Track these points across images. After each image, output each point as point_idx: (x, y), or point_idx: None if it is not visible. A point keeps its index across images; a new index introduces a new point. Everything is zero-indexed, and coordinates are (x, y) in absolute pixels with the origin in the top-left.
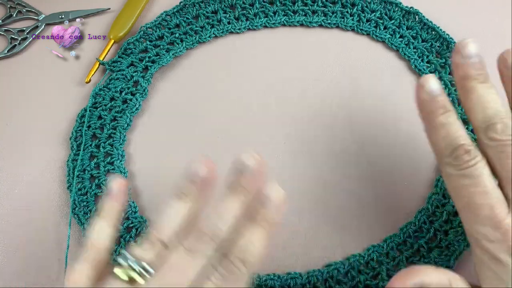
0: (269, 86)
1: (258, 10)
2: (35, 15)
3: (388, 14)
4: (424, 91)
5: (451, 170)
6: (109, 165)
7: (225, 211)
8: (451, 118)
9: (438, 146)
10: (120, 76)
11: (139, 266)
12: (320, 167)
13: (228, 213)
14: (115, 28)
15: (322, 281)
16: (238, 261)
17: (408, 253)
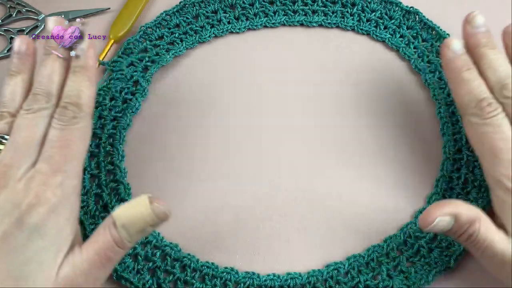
0: (269, 86)
1: (258, 9)
2: (35, 15)
3: (388, 13)
4: (450, 50)
5: (475, 119)
6: (109, 165)
7: (47, 72)
8: (473, 74)
9: (463, 99)
10: (120, 76)
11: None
12: (320, 166)
13: (52, 72)
14: (115, 28)
15: (322, 281)
16: (68, 104)
17: (408, 253)
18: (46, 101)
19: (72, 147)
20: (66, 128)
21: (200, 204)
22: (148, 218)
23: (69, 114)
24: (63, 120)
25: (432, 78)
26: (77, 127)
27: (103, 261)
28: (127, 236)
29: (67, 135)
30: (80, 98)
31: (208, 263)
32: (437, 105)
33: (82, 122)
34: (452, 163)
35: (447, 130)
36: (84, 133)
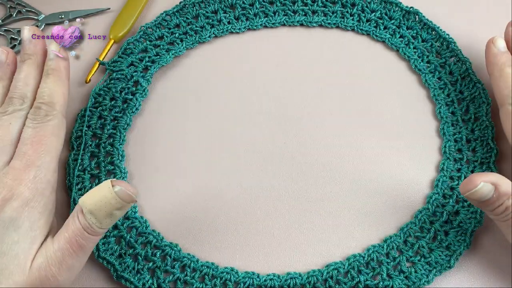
0: (269, 86)
1: (258, 10)
2: (35, 15)
3: (388, 14)
4: (495, 47)
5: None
6: (109, 165)
7: (23, 76)
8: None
9: (504, 91)
10: (120, 76)
11: None
12: (320, 166)
13: (26, 76)
14: (115, 28)
15: (322, 281)
16: (41, 104)
17: (408, 253)
18: (20, 104)
19: (45, 143)
20: (38, 126)
21: (200, 204)
22: (113, 201)
23: (42, 113)
24: (36, 119)
25: (432, 79)
26: (49, 124)
27: (75, 249)
28: (96, 222)
29: (39, 132)
30: (53, 98)
31: (208, 263)
32: (437, 105)
33: (54, 120)
34: (452, 163)
35: (447, 130)
36: (57, 130)
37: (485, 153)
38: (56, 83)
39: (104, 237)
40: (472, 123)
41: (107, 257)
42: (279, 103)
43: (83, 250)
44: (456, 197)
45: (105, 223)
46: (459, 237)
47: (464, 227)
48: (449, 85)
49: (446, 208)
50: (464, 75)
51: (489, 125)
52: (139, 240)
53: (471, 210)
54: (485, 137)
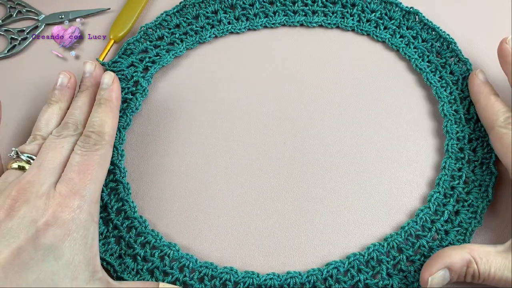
0: (269, 86)
1: (258, 10)
2: (35, 15)
3: (388, 14)
4: (479, 78)
5: (504, 130)
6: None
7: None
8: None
9: (492, 116)
10: (120, 76)
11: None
12: (320, 166)
13: (83, 105)
14: (115, 28)
15: (322, 280)
16: (91, 133)
17: (408, 252)
18: (74, 130)
19: (90, 172)
20: (86, 154)
21: (200, 203)
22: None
23: (91, 142)
24: (85, 147)
25: (434, 77)
26: (97, 154)
27: None
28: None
29: (86, 160)
30: (103, 128)
31: (207, 263)
32: (440, 102)
33: (102, 150)
34: (454, 162)
35: (450, 128)
36: (103, 160)
37: (486, 153)
38: (107, 114)
39: (104, 237)
40: (473, 122)
41: (107, 258)
42: (279, 103)
43: None
44: (457, 197)
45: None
46: (459, 237)
47: (463, 227)
48: (450, 84)
49: (447, 207)
50: (464, 75)
51: None
52: (138, 240)
53: (471, 210)
54: (485, 138)
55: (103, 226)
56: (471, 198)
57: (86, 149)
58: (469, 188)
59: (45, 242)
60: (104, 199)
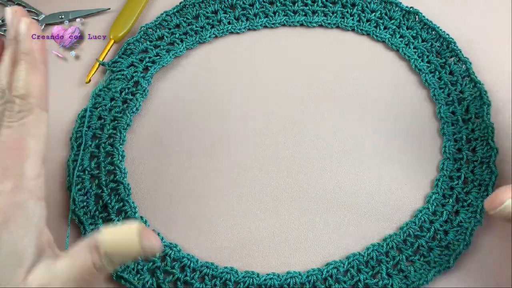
0: (269, 86)
1: (258, 10)
2: (35, 15)
3: (388, 14)
4: None
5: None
6: (109, 165)
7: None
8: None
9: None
10: (120, 76)
11: None
12: (320, 166)
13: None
14: (115, 28)
15: (322, 280)
16: (14, 98)
17: (407, 252)
18: None
19: (22, 146)
20: (14, 126)
21: (199, 204)
22: (135, 251)
23: (16, 108)
24: (11, 116)
25: (432, 78)
26: (25, 122)
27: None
28: (109, 263)
29: (16, 133)
30: (27, 89)
31: (208, 263)
32: (438, 104)
33: (29, 116)
34: (452, 163)
35: (447, 130)
36: (33, 128)
37: (485, 153)
38: (29, 71)
39: None
40: (472, 123)
41: None
42: (279, 103)
43: (88, 285)
44: (456, 197)
45: (117, 266)
46: (459, 237)
47: (464, 226)
48: (449, 85)
49: (446, 208)
50: (464, 75)
51: (489, 125)
52: None
53: (470, 210)
54: (485, 137)
55: (103, 226)
56: (470, 198)
57: (12, 118)
58: (468, 188)
59: None
60: (105, 199)
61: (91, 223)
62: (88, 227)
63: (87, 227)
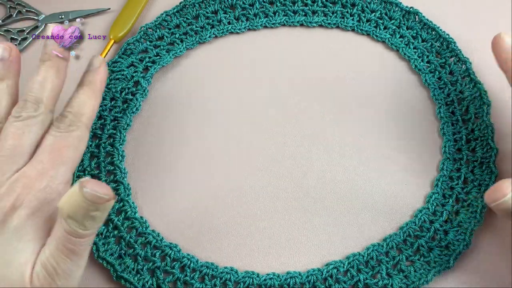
0: (269, 86)
1: (258, 10)
2: (35, 15)
3: (388, 14)
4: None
5: None
6: (109, 165)
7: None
8: None
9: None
10: (120, 76)
11: None
12: (320, 166)
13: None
14: (115, 28)
15: (322, 280)
16: (68, 113)
17: (407, 252)
18: (34, 109)
19: (62, 154)
20: (60, 136)
21: (200, 204)
22: (84, 204)
23: (66, 122)
24: (60, 127)
25: (432, 78)
26: (71, 135)
27: (66, 254)
28: (78, 225)
29: (60, 142)
30: (81, 109)
31: (208, 263)
32: (437, 104)
33: (78, 131)
34: (452, 163)
35: (447, 130)
36: (77, 141)
37: (485, 153)
38: (88, 95)
39: (104, 237)
40: (472, 123)
41: (107, 258)
42: (279, 103)
43: (75, 254)
44: (456, 197)
45: (89, 226)
46: (459, 237)
47: (463, 226)
48: (449, 85)
49: (446, 208)
50: (464, 75)
51: (489, 125)
52: (138, 241)
53: (470, 210)
54: (485, 137)
55: (103, 226)
56: (470, 198)
57: (60, 130)
58: (468, 188)
59: (10, 226)
60: None
61: None
62: None
63: None
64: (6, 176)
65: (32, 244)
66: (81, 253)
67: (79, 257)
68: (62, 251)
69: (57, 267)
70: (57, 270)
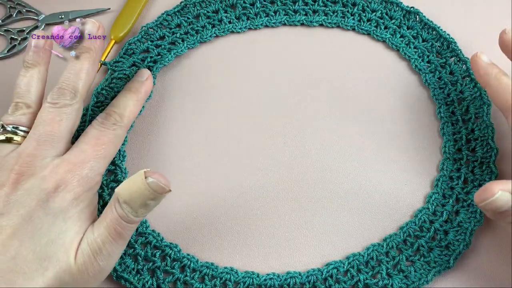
0: (269, 85)
1: (259, 9)
2: (35, 15)
3: (389, 13)
4: (482, 60)
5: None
6: (110, 165)
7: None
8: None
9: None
10: (122, 76)
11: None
12: (320, 166)
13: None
14: (115, 28)
15: (322, 280)
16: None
17: (407, 252)
18: (71, 98)
19: (104, 147)
20: (104, 131)
21: (200, 204)
22: (146, 192)
23: (111, 120)
24: (105, 124)
25: (432, 78)
26: (113, 133)
27: (114, 236)
28: (132, 211)
29: (103, 136)
30: (125, 110)
31: (208, 263)
32: (438, 104)
33: (119, 130)
34: (452, 163)
35: (447, 130)
36: (117, 140)
37: (485, 153)
38: (132, 101)
39: None
40: (472, 123)
41: None
42: (279, 103)
43: (121, 237)
44: (456, 197)
45: (140, 213)
46: (459, 237)
47: (463, 226)
48: (449, 85)
49: (446, 208)
50: (464, 75)
51: (489, 125)
52: (139, 240)
53: (470, 210)
54: (485, 137)
55: None
56: (470, 198)
57: (105, 126)
58: (468, 188)
59: (54, 206)
60: (105, 198)
61: None
62: None
63: None
64: (47, 161)
65: (77, 226)
66: (126, 238)
67: (124, 240)
68: (110, 233)
69: (102, 247)
70: (102, 250)
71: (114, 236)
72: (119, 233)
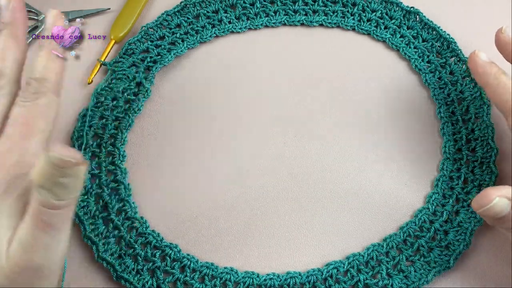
0: (269, 85)
1: (259, 9)
2: (35, 15)
3: (389, 13)
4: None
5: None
6: (110, 165)
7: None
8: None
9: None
10: (122, 76)
11: None
12: (320, 166)
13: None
14: (115, 28)
15: (322, 280)
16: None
17: (408, 252)
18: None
19: (31, 125)
20: (26, 106)
21: (201, 204)
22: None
23: (31, 90)
24: (25, 96)
25: (433, 78)
26: (38, 103)
27: (42, 227)
28: (49, 194)
29: (27, 112)
30: (44, 74)
31: (208, 263)
32: (438, 104)
33: (42, 98)
34: (452, 163)
35: (447, 130)
36: (45, 110)
37: (485, 153)
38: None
39: (104, 237)
40: (472, 123)
41: (107, 258)
42: (279, 103)
43: (52, 228)
44: (456, 197)
45: (61, 194)
46: (459, 237)
47: (464, 226)
48: (449, 85)
49: (446, 208)
50: (464, 75)
51: (489, 125)
52: (139, 241)
53: (470, 210)
54: (485, 137)
55: (103, 226)
56: (470, 198)
57: (26, 98)
58: (468, 188)
59: None
60: (105, 199)
61: (91, 223)
62: (88, 227)
63: (87, 226)
64: None
65: (7, 220)
66: (59, 226)
67: (56, 230)
68: (37, 225)
69: (33, 242)
70: (33, 246)
71: (42, 227)
72: (48, 223)
